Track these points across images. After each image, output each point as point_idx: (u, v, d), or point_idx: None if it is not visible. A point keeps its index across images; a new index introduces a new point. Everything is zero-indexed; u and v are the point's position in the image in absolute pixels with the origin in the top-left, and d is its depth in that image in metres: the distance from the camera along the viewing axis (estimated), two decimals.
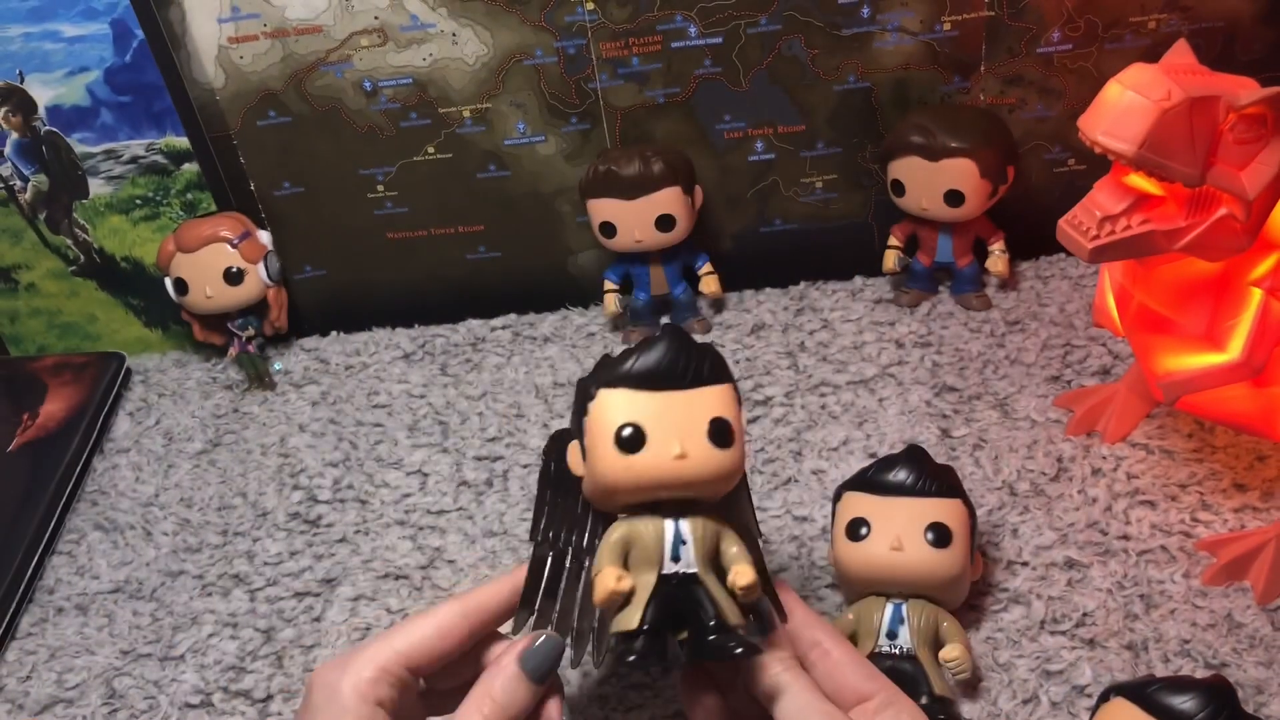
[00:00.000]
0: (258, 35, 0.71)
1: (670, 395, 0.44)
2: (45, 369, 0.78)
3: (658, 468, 0.44)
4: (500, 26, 0.70)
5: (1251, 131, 0.47)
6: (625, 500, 0.45)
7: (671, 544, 0.44)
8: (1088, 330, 0.70)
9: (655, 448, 0.44)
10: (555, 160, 0.74)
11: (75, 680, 0.60)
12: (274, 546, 0.65)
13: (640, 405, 0.44)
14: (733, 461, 0.44)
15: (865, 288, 0.76)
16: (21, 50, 0.71)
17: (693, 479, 0.44)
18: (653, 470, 0.44)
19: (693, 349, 0.45)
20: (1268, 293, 0.51)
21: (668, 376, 0.44)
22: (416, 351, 0.78)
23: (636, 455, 0.44)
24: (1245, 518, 0.58)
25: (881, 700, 0.45)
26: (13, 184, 0.75)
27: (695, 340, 0.45)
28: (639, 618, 0.43)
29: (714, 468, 0.44)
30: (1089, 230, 0.50)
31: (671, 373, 0.44)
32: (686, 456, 0.43)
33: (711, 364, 0.45)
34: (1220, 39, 0.69)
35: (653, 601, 0.44)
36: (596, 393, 0.45)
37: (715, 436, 0.44)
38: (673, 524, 0.45)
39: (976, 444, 0.64)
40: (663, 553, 0.44)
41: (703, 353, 0.45)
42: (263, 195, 0.76)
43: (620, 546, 0.45)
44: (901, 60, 0.70)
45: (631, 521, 0.45)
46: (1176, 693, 0.41)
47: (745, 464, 0.46)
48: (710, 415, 0.44)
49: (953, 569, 0.52)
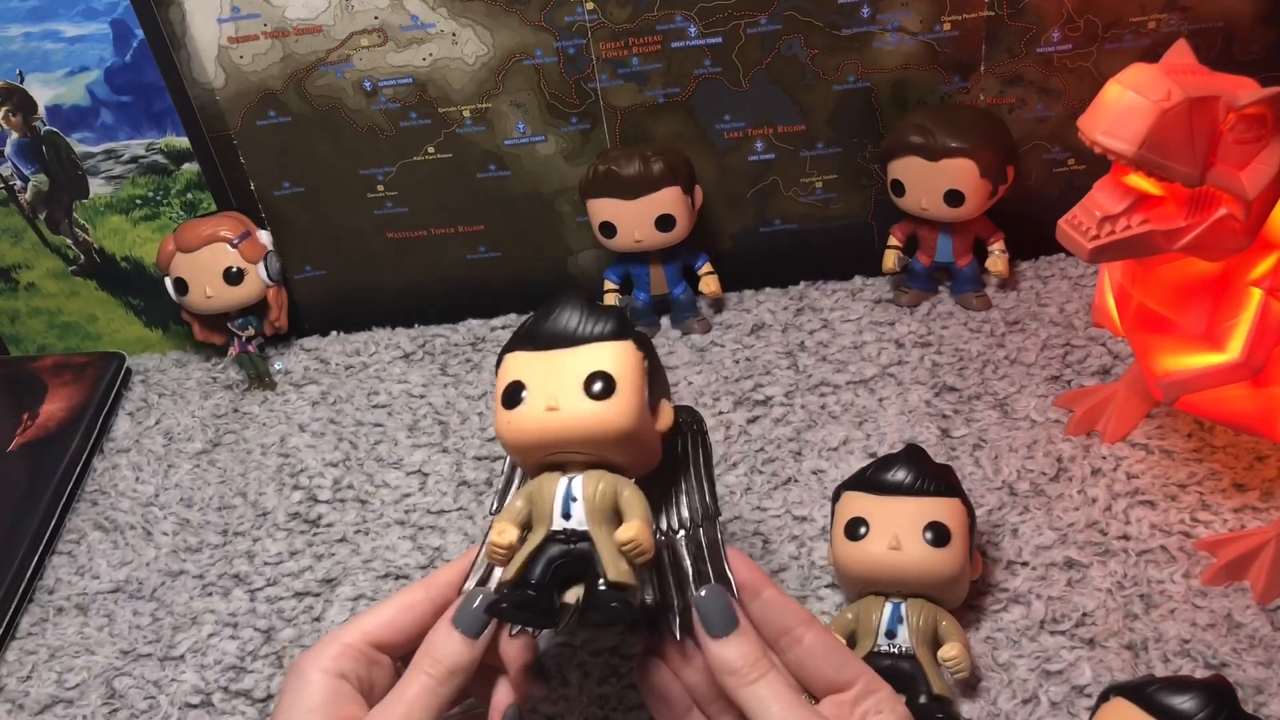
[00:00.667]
0: (258, 35, 0.71)
1: (555, 354, 0.44)
2: (45, 369, 0.78)
3: (531, 420, 0.44)
4: (500, 26, 0.70)
5: (1251, 131, 0.47)
6: (526, 460, 0.46)
7: (562, 500, 0.44)
8: (1088, 330, 0.70)
9: (531, 401, 0.44)
10: (555, 160, 0.74)
11: (75, 680, 0.60)
12: (274, 546, 0.65)
13: (525, 364, 0.45)
14: (616, 416, 0.43)
15: (865, 288, 0.76)
16: (21, 50, 0.71)
17: (567, 432, 0.44)
18: (527, 423, 0.44)
19: (586, 310, 0.45)
20: (1267, 293, 0.51)
21: (559, 336, 0.45)
22: (416, 351, 0.78)
23: (515, 410, 0.44)
24: (1245, 518, 0.58)
25: (860, 689, 0.44)
26: (13, 184, 0.75)
27: (596, 304, 0.45)
28: (516, 569, 0.44)
29: (590, 421, 0.43)
30: (1089, 230, 0.50)
31: (563, 332, 0.45)
32: (558, 409, 0.43)
33: (610, 324, 0.45)
34: (1220, 39, 0.69)
35: (538, 557, 0.44)
36: (502, 357, 0.46)
37: (594, 391, 0.43)
38: (566, 480, 0.45)
39: (976, 444, 0.64)
40: (553, 509, 0.44)
41: (600, 313, 0.45)
42: (263, 195, 0.76)
43: (521, 505, 0.45)
44: (901, 60, 0.71)
45: (537, 480, 0.45)
46: (1176, 693, 0.41)
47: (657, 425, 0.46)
48: (591, 369, 0.44)
49: (951, 568, 0.52)
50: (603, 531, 0.44)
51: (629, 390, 0.44)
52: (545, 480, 0.45)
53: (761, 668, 0.43)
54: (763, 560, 0.60)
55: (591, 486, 0.44)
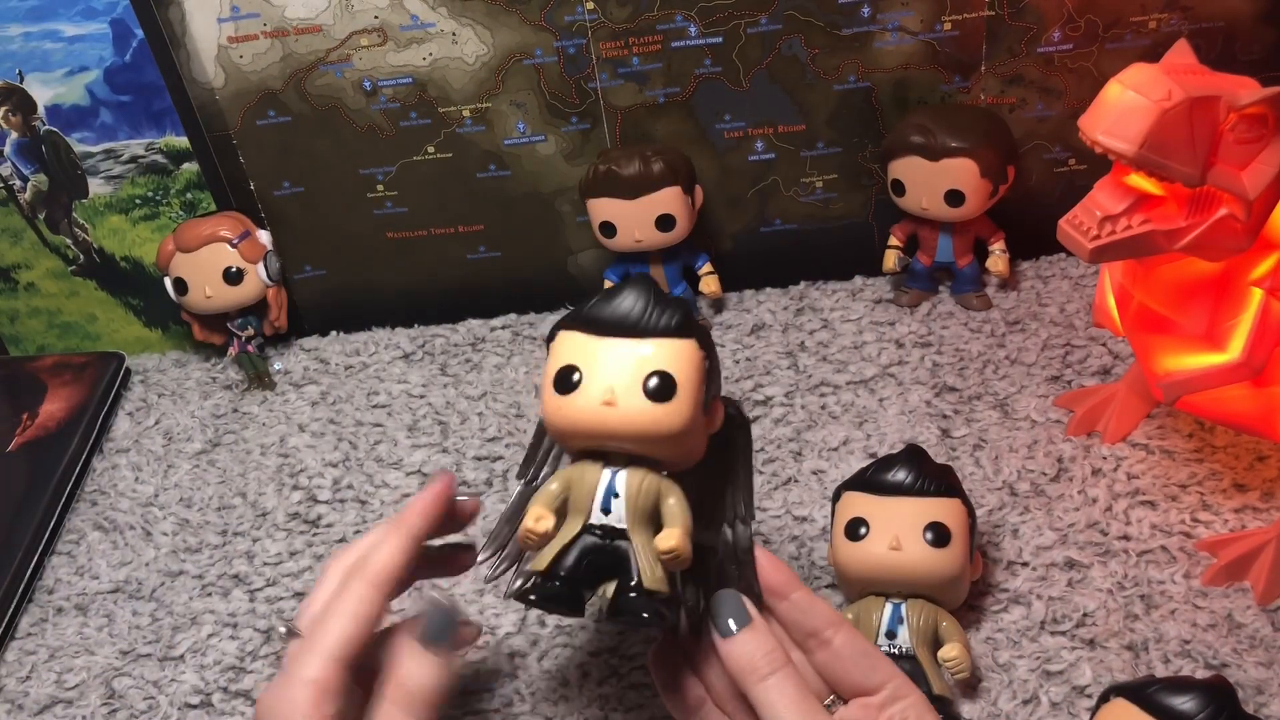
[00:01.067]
0: (257, 35, 0.70)
1: (618, 342, 0.43)
2: (45, 369, 0.78)
3: (585, 411, 0.42)
4: (500, 26, 0.70)
5: (1252, 131, 0.47)
6: (569, 444, 0.45)
7: (603, 495, 0.43)
8: (1088, 330, 0.70)
9: (587, 391, 0.42)
10: (555, 160, 0.74)
11: (75, 680, 0.60)
12: (274, 546, 0.65)
13: (584, 348, 0.43)
14: (671, 418, 0.42)
15: (865, 288, 0.76)
16: (21, 50, 0.71)
17: (620, 429, 0.42)
18: (580, 413, 0.42)
19: (655, 300, 0.43)
20: (1268, 293, 0.51)
21: (621, 324, 0.43)
22: (416, 351, 0.78)
23: (568, 396, 0.42)
24: (1245, 518, 0.58)
25: (888, 694, 0.44)
26: (12, 184, 0.75)
27: (664, 294, 0.44)
28: (549, 561, 0.43)
29: (645, 421, 0.42)
30: (1089, 230, 0.50)
31: (625, 320, 0.43)
32: (614, 404, 0.42)
33: (675, 318, 0.43)
34: (1220, 39, 0.69)
35: (571, 549, 0.43)
36: (556, 333, 0.44)
37: (652, 389, 0.42)
38: (609, 474, 0.43)
39: (976, 444, 0.64)
40: (593, 502, 0.43)
41: (668, 305, 0.43)
42: (262, 195, 0.76)
43: (558, 490, 0.44)
44: (901, 60, 0.70)
45: (577, 466, 0.44)
46: (1176, 693, 0.41)
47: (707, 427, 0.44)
48: (653, 368, 0.42)
49: (951, 568, 0.52)
50: (642, 533, 0.43)
51: (688, 393, 0.42)
52: (587, 470, 0.44)
53: (774, 664, 0.43)
54: None
55: (635, 485, 0.43)
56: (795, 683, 0.43)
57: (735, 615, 0.44)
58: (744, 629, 0.44)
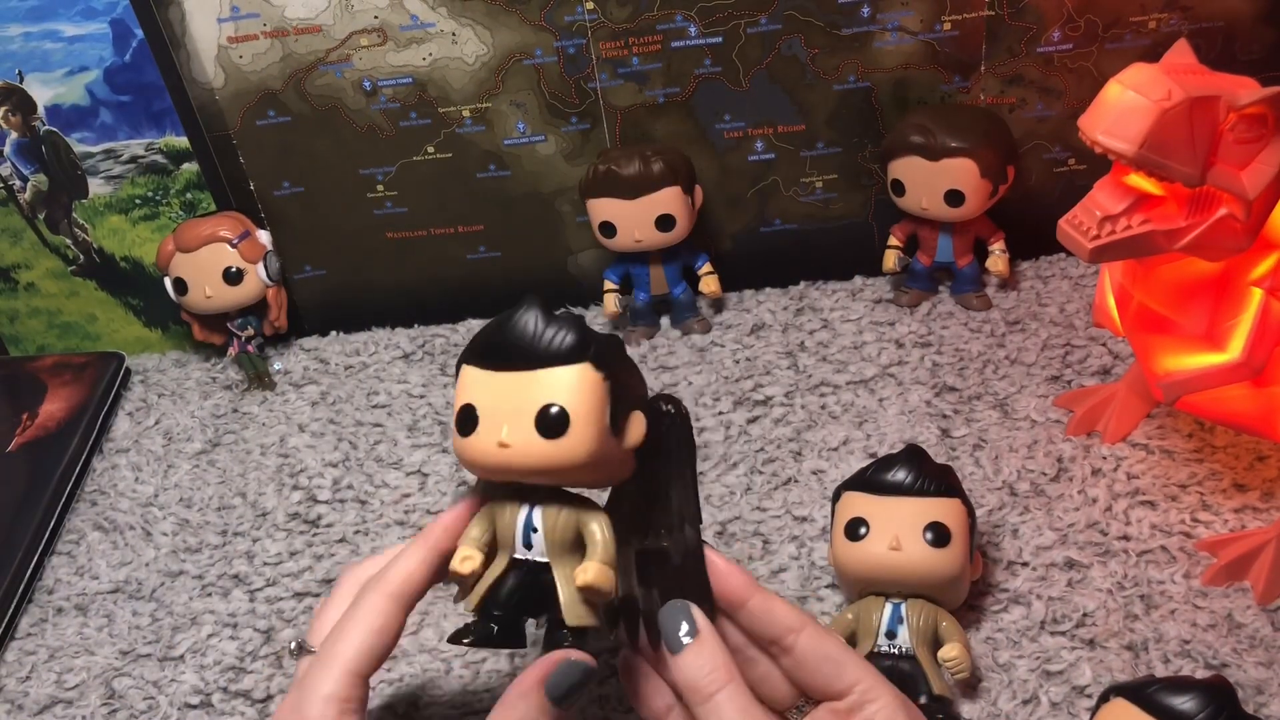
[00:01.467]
0: (257, 35, 0.70)
1: (508, 377, 0.41)
2: (45, 369, 0.78)
3: (485, 453, 0.41)
4: (500, 26, 0.70)
5: (1252, 131, 0.47)
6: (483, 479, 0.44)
7: (523, 530, 0.42)
8: (1088, 330, 0.70)
9: (483, 433, 0.41)
10: (555, 160, 0.74)
11: (75, 680, 0.60)
12: (274, 546, 0.65)
13: (479, 385, 0.41)
14: (569, 452, 0.40)
15: (865, 288, 0.76)
16: (21, 50, 0.71)
17: (520, 467, 0.40)
18: (481, 455, 0.41)
19: (542, 324, 0.41)
20: (1268, 293, 0.51)
21: (511, 354, 0.41)
22: (416, 351, 0.78)
23: (468, 438, 0.41)
24: (1245, 518, 0.58)
25: (855, 698, 0.43)
26: (12, 184, 0.75)
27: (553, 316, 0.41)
28: (478, 600, 0.42)
29: (541, 459, 0.40)
30: (1089, 230, 0.50)
31: (515, 350, 0.41)
32: (509, 446, 0.40)
33: (565, 340, 0.40)
34: (1220, 39, 0.69)
35: (501, 586, 0.42)
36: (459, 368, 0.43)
37: (543, 426, 0.40)
38: (526, 509, 0.42)
39: (976, 444, 0.64)
40: (514, 538, 0.42)
41: (557, 329, 0.41)
42: (262, 195, 0.76)
43: (480, 531, 0.43)
44: (901, 60, 0.70)
45: (498, 503, 0.43)
46: (1176, 693, 0.41)
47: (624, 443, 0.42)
48: (542, 402, 0.40)
49: (951, 568, 0.52)
50: (564, 567, 0.42)
51: (584, 422, 0.40)
52: (506, 506, 0.43)
53: (716, 683, 0.42)
54: (763, 560, 0.60)
55: (552, 520, 0.42)
56: (738, 703, 0.42)
57: (681, 629, 0.43)
58: (688, 646, 0.42)
